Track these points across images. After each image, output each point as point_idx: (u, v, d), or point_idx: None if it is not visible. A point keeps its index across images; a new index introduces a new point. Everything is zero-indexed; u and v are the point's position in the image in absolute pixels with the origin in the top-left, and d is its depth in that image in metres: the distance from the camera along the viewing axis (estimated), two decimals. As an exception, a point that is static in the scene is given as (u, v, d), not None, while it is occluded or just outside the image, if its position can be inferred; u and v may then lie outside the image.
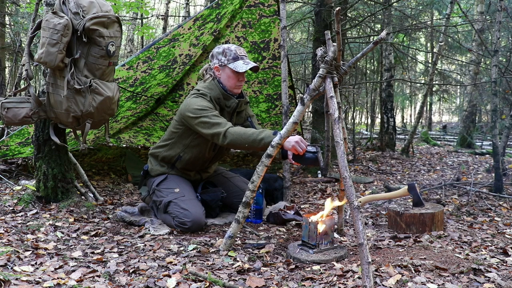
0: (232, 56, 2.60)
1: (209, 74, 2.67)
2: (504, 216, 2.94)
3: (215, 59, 2.66)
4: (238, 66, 2.58)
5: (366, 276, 1.64)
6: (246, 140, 2.32)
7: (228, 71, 2.61)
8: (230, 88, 2.64)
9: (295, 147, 2.23)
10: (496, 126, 3.56)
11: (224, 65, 2.61)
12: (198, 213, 2.54)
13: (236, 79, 2.62)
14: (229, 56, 2.60)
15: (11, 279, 1.67)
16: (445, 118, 21.69)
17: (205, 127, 2.45)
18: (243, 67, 2.57)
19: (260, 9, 3.75)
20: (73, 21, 2.36)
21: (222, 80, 2.64)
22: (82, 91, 2.43)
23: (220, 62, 2.62)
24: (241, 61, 2.60)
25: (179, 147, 2.73)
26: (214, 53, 2.66)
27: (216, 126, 2.41)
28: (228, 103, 2.66)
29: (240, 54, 2.62)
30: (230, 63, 2.59)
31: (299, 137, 2.26)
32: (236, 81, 2.62)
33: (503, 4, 3.65)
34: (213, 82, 2.64)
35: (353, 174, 4.82)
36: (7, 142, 3.49)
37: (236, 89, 2.66)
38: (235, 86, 2.64)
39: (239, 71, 2.58)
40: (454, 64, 12.08)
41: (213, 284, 1.76)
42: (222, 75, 2.63)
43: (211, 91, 2.60)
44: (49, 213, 2.69)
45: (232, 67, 2.58)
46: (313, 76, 4.76)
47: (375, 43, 1.97)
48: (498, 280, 1.79)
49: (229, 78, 2.62)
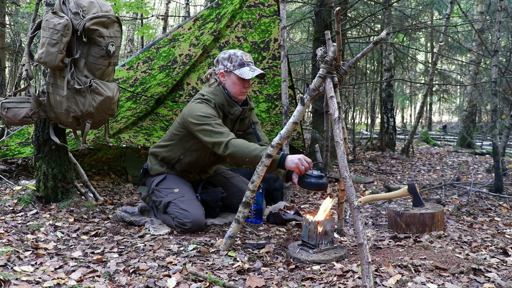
0: (238, 62, 2.55)
1: (214, 79, 2.62)
2: (504, 216, 2.94)
3: (220, 65, 2.60)
4: (244, 72, 2.52)
5: (366, 276, 1.64)
6: (247, 155, 2.27)
7: (233, 77, 2.55)
8: (235, 95, 2.59)
9: (298, 165, 2.21)
10: (496, 126, 3.56)
11: (230, 71, 2.56)
12: (198, 214, 2.54)
13: (242, 85, 2.56)
14: (235, 62, 2.55)
15: (11, 279, 1.67)
16: (445, 118, 21.69)
17: (207, 134, 2.42)
18: (249, 74, 2.52)
19: (260, 9, 3.75)
20: (73, 21, 2.36)
21: (227, 86, 2.59)
22: (82, 91, 2.43)
23: (226, 68, 2.57)
24: (247, 67, 2.55)
25: (179, 149, 2.71)
26: (220, 59, 2.61)
27: (219, 135, 2.38)
28: (232, 110, 2.61)
29: (247, 60, 2.57)
30: (236, 69, 2.54)
31: (302, 155, 2.25)
32: (242, 88, 2.57)
33: (503, 4, 3.66)
34: (218, 88, 2.59)
35: (353, 174, 4.82)
36: (7, 142, 3.49)
37: (241, 95, 2.61)
38: (240, 93, 2.59)
39: (245, 78, 2.53)
40: (454, 64, 12.09)
41: (213, 284, 1.76)
42: (228, 81, 2.58)
43: (216, 97, 2.56)
44: (49, 213, 2.69)
45: (238, 74, 2.53)
46: (313, 76, 4.76)
47: (375, 43, 1.97)
48: (498, 280, 1.79)
49: (234, 84, 2.56)
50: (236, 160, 2.44)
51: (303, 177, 2.26)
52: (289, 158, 2.25)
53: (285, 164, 2.25)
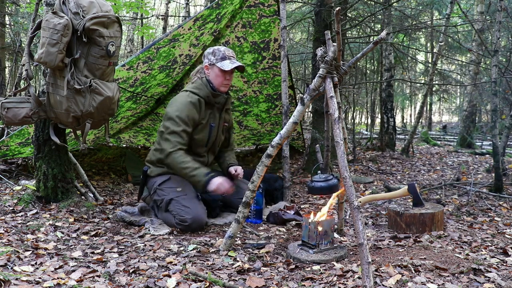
0: (220, 56, 2.78)
1: (197, 76, 2.87)
2: (504, 216, 2.95)
3: (205, 59, 2.84)
4: (224, 65, 2.75)
5: (366, 276, 1.64)
6: (179, 172, 2.64)
7: (216, 69, 2.78)
8: (217, 86, 2.81)
9: (218, 186, 2.55)
10: (496, 126, 3.56)
11: (213, 64, 2.79)
12: (199, 211, 2.56)
13: (223, 77, 2.79)
14: (218, 56, 2.78)
15: (11, 279, 1.67)
16: (445, 118, 21.69)
17: (163, 133, 2.68)
18: (229, 65, 2.74)
19: (260, 9, 3.75)
20: (73, 21, 2.36)
21: (211, 78, 2.81)
22: (82, 91, 2.43)
23: (210, 61, 2.80)
24: (228, 60, 2.77)
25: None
26: (205, 53, 2.85)
27: (168, 143, 2.64)
28: (217, 99, 2.83)
29: (228, 55, 2.80)
30: (218, 62, 2.77)
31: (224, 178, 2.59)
32: (223, 80, 2.79)
33: (503, 4, 3.66)
34: (201, 82, 2.82)
35: (353, 174, 4.82)
36: (7, 142, 3.49)
37: (223, 87, 2.82)
38: (222, 84, 2.81)
39: (225, 70, 2.74)
40: (454, 64, 12.09)
41: (213, 284, 1.76)
42: (211, 74, 2.81)
43: (200, 91, 2.78)
44: (49, 213, 2.69)
45: (219, 66, 2.76)
46: (313, 76, 4.76)
47: (375, 43, 1.97)
48: (498, 280, 1.79)
49: (217, 76, 2.79)
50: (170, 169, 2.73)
51: (313, 184, 2.25)
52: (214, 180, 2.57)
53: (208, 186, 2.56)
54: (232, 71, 2.79)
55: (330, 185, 2.24)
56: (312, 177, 2.29)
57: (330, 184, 2.23)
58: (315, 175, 2.29)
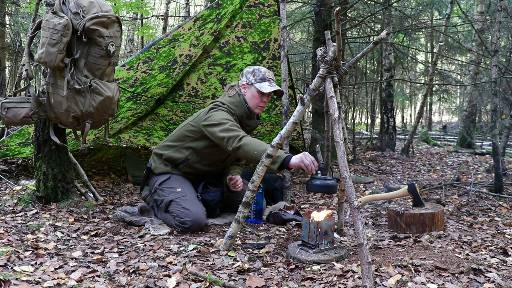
0: (260, 76, 2.70)
1: (235, 90, 2.75)
2: (504, 216, 2.95)
3: (244, 77, 2.76)
4: (263, 86, 2.68)
5: (366, 276, 1.64)
6: (257, 148, 2.32)
7: (253, 90, 2.70)
8: (252, 107, 2.73)
9: (302, 159, 2.22)
10: (496, 126, 3.56)
11: (251, 83, 2.71)
12: (199, 213, 2.55)
13: (260, 99, 2.71)
14: (257, 77, 2.71)
15: (11, 279, 1.67)
16: (445, 118, 21.70)
17: (223, 131, 2.49)
18: (268, 88, 2.67)
19: (260, 9, 3.75)
20: (73, 21, 2.36)
21: (247, 98, 2.73)
22: (82, 91, 2.43)
23: (248, 80, 2.72)
24: (267, 82, 2.70)
25: (188, 150, 2.75)
26: (244, 72, 2.78)
27: (235, 131, 2.47)
28: (249, 122, 2.77)
29: (268, 77, 2.72)
30: (256, 82, 2.69)
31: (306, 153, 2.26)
32: (259, 101, 2.72)
33: (503, 4, 3.66)
34: (239, 99, 2.72)
35: (353, 174, 4.82)
36: (7, 142, 3.49)
37: (258, 109, 2.74)
38: (257, 106, 2.73)
39: (263, 92, 2.67)
40: (454, 64, 12.09)
41: (213, 284, 1.76)
42: (248, 93, 2.73)
43: (237, 109, 2.69)
44: (49, 213, 2.69)
45: (258, 87, 2.68)
46: (313, 76, 4.76)
47: (375, 43, 1.97)
48: (498, 280, 1.79)
49: (253, 97, 2.71)
50: (244, 154, 2.45)
51: (311, 181, 2.25)
52: (294, 156, 2.27)
53: (290, 163, 2.25)
54: (269, 94, 2.72)
55: (327, 185, 2.23)
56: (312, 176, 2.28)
57: (328, 184, 2.23)
58: (315, 174, 2.28)
